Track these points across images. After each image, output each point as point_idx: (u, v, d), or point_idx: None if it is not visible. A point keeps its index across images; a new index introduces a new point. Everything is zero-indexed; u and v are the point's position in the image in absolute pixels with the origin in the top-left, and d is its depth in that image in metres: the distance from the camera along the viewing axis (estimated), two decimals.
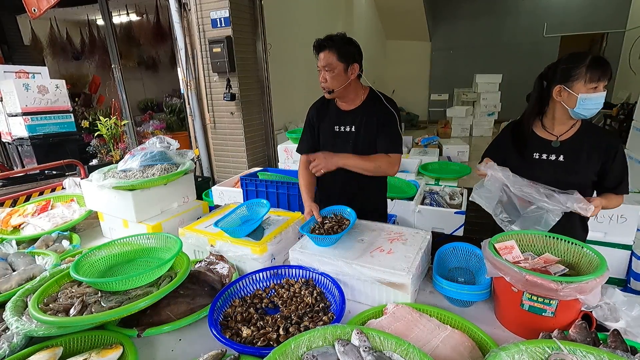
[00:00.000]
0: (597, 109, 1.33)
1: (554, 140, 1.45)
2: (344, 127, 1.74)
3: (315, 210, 1.56)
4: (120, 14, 6.42)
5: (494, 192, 1.42)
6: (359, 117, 1.71)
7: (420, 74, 11.22)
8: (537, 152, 1.47)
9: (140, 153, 1.86)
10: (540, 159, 1.45)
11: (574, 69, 1.33)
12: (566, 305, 0.96)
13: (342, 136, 1.74)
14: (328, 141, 1.78)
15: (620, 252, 2.28)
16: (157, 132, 5.66)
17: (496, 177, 1.41)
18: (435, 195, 2.90)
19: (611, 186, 1.41)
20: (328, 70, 1.59)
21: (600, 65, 1.30)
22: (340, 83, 1.62)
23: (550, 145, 1.45)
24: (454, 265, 1.41)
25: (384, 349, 0.88)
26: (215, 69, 3.80)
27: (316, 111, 1.82)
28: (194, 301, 1.23)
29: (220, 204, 2.84)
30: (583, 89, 1.32)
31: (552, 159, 1.44)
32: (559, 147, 1.44)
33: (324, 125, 1.79)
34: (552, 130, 1.46)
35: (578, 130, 1.43)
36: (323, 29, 6.96)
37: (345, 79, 1.62)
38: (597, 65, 1.30)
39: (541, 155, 1.45)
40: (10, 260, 1.51)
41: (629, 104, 6.88)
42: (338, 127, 1.75)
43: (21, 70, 4.42)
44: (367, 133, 1.69)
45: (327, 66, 1.59)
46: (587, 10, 9.02)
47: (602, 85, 1.31)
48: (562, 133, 1.44)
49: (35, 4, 3.87)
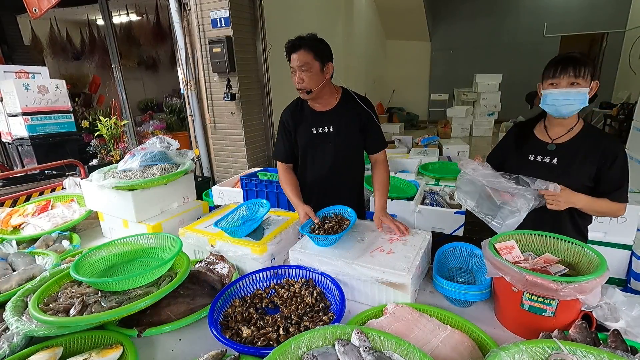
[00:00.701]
0: (562, 105, 1.31)
1: (550, 143, 1.43)
2: (321, 128, 1.73)
3: (310, 212, 1.54)
4: (120, 14, 6.42)
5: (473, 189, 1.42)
6: (337, 117, 1.71)
7: (420, 74, 11.22)
8: (533, 153, 1.46)
9: (140, 153, 1.86)
10: (535, 161, 1.45)
11: (546, 67, 1.36)
12: (566, 305, 0.96)
13: (321, 137, 1.74)
14: (307, 143, 1.77)
15: (620, 252, 2.27)
16: (157, 132, 5.66)
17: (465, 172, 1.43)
18: (435, 195, 2.89)
19: (605, 191, 1.35)
20: (305, 70, 1.58)
21: (560, 62, 1.30)
22: (318, 82, 1.61)
23: (546, 148, 1.44)
24: (454, 265, 1.41)
25: (384, 349, 0.88)
26: (215, 69, 3.80)
27: (290, 115, 1.78)
28: (194, 301, 1.23)
29: (220, 204, 2.84)
30: (546, 86, 1.35)
31: (546, 162, 1.43)
32: (554, 150, 1.42)
33: (300, 129, 1.77)
34: (550, 133, 1.45)
35: (577, 134, 1.41)
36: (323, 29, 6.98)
37: (322, 78, 1.62)
38: (557, 61, 1.31)
39: (536, 157, 1.45)
40: (10, 260, 1.51)
41: (629, 104, 6.88)
42: (315, 128, 1.74)
43: (21, 70, 4.42)
44: (348, 133, 1.71)
45: (304, 65, 1.57)
46: (587, 10, 9.02)
47: (564, 82, 1.29)
48: (560, 136, 1.42)
49: (36, 3, 3.87)
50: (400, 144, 5.20)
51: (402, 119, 10.09)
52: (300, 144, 1.79)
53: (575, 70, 1.27)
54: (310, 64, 1.57)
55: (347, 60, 7.80)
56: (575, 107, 1.32)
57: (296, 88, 1.65)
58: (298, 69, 1.59)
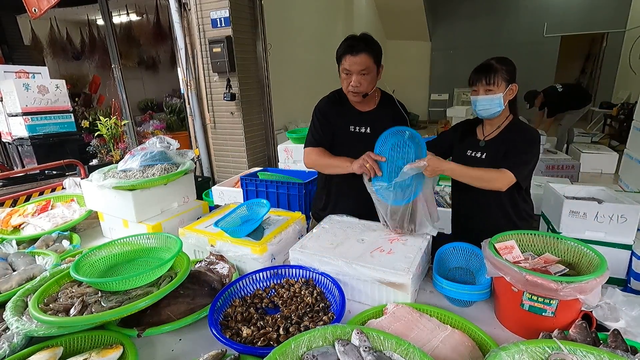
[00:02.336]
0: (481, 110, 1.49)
1: (481, 140, 1.60)
2: (359, 127, 1.71)
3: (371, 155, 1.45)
4: (120, 14, 6.43)
5: None
6: (376, 118, 1.68)
7: (420, 74, 11.23)
8: (470, 149, 1.62)
9: (140, 153, 1.86)
10: (470, 156, 1.61)
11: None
12: (566, 305, 0.96)
13: (357, 136, 1.70)
14: (344, 141, 1.72)
15: (620, 252, 2.27)
16: (157, 132, 5.66)
17: None
18: (435, 195, 2.89)
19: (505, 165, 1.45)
20: (365, 74, 1.53)
21: (476, 71, 1.49)
22: (374, 85, 1.59)
23: (478, 144, 1.61)
24: (454, 265, 1.41)
25: (384, 349, 0.88)
26: (215, 69, 3.80)
27: (332, 107, 1.73)
28: (194, 301, 1.23)
29: (220, 204, 2.83)
30: (471, 92, 1.53)
31: (477, 156, 1.58)
32: (484, 146, 1.57)
33: (340, 124, 1.72)
34: (484, 131, 1.62)
35: (502, 130, 1.56)
36: (323, 29, 6.99)
37: (376, 81, 1.60)
38: (475, 70, 1.50)
39: (472, 152, 1.61)
40: (11, 260, 1.51)
41: (629, 104, 6.89)
42: (354, 127, 1.71)
43: (21, 70, 4.42)
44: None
45: (365, 69, 1.52)
46: (587, 10, 9.02)
47: (481, 89, 1.46)
48: (489, 133, 1.59)
49: (35, 3, 3.87)
50: None
51: None
52: (336, 139, 1.74)
53: (486, 79, 1.44)
54: (370, 68, 1.53)
55: None
56: (494, 111, 1.48)
57: (348, 91, 1.60)
58: (357, 73, 1.53)
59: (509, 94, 1.48)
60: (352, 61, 1.52)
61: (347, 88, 1.60)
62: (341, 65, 1.59)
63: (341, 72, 1.60)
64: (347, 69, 1.55)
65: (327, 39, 6.88)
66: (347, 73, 1.57)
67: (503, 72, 1.44)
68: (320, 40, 6.53)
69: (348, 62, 1.53)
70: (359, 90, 1.57)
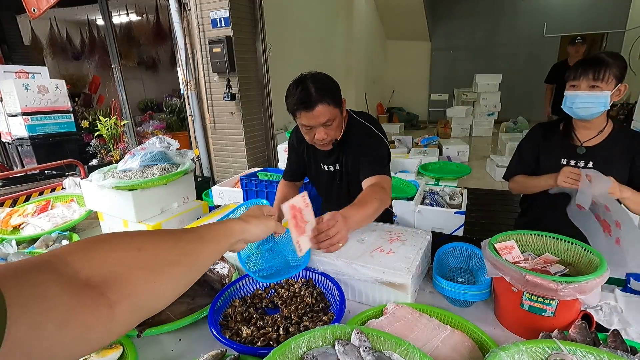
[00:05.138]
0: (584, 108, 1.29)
1: (579, 146, 1.39)
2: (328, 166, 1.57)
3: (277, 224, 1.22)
4: (120, 14, 6.42)
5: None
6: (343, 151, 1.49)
7: (420, 74, 11.23)
8: (565, 157, 1.41)
9: (140, 153, 1.86)
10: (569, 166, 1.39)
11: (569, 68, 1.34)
12: (566, 305, 0.96)
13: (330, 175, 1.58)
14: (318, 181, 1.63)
15: None
16: (157, 132, 5.66)
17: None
18: (435, 195, 2.89)
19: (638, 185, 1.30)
20: (330, 124, 1.31)
21: (583, 64, 1.29)
22: (341, 127, 1.39)
23: (576, 151, 1.39)
24: (454, 265, 1.41)
25: (383, 349, 0.88)
26: (215, 69, 3.80)
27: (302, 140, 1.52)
28: (194, 301, 1.23)
29: (220, 204, 2.84)
30: (568, 87, 1.34)
31: (580, 166, 1.37)
32: (585, 154, 1.38)
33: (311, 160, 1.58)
34: (578, 135, 1.41)
35: (608, 136, 1.37)
36: (323, 29, 6.98)
37: (342, 121, 1.39)
38: (578, 64, 1.30)
39: (569, 161, 1.40)
40: (10, 260, 1.51)
41: (629, 104, 6.88)
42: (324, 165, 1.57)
43: (21, 70, 4.42)
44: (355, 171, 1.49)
45: (328, 120, 1.30)
46: (587, 10, 9.03)
47: (585, 83, 1.27)
48: (589, 139, 1.38)
49: (35, 3, 3.87)
50: (400, 144, 5.22)
51: (402, 119, 10.10)
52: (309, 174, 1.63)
53: (595, 73, 1.24)
54: (333, 115, 1.30)
55: (347, 60, 7.80)
56: (596, 111, 1.29)
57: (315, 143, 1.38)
58: (319, 126, 1.31)
59: (616, 94, 1.28)
60: (309, 117, 1.29)
61: (313, 141, 1.39)
62: (297, 119, 1.36)
63: (299, 125, 1.39)
64: (306, 124, 1.33)
65: (327, 39, 6.88)
66: (308, 128, 1.35)
67: (615, 68, 1.24)
68: (320, 40, 6.53)
69: (305, 118, 1.30)
70: (328, 141, 1.37)
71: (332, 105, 1.29)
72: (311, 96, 1.25)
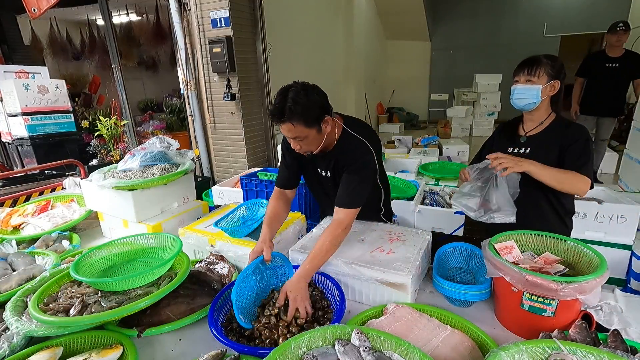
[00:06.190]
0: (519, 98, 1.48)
1: (522, 136, 1.58)
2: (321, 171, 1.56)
3: (267, 249, 1.27)
4: (120, 14, 6.42)
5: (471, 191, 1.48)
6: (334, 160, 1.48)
7: (420, 74, 11.21)
8: (511, 146, 1.60)
9: (140, 153, 1.86)
10: (512, 152, 1.58)
11: None
12: (566, 305, 0.96)
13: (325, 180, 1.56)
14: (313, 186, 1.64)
15: (620, 252, 2.27)
16: (157, 132, 5.66)
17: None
18: (435, 195, 2.89)
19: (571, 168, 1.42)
20: (301, 140, 1.32)
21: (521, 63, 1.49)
22: (318, 143, 1.36)
23: (519, 140, 1.58)
24: (454, 265, 1.41)
25: (384, 349, 0.88)
26: (215, 69, 3.80)
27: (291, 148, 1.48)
28: (194, 301, 1.23)
29: (220, 204, 2.84)
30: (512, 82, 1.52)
31: (520, 152, 1.57)
32: (525, 142, 1.57)
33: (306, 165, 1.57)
34: (524, 127, 1.60)
35: (547, 127, 1.54)
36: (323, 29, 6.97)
37: (321, 137, 1.35)
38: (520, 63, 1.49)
39: (513, 149, 1.58)
40: (10, 260, 1.51)
41: (628, 104, 6.88)
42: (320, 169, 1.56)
43: (21, 70, 4.42)
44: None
45: (297, 137, 1.31)
46: (587, 10, 9.02)
47: (522, 78, 1.46)
48: (531, 129, 1.57)
49: (35, 3, 3.87)
50: (400, 144, 5.21)
51: (402, 119, 10.10)
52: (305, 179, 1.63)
53: (529, 69, 1.45)
54: (303, 133, 1.29)
55: (347, 60, 7.79)
56: (529, 101, 1.47)
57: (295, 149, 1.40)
58: (291, 138, 1.34)
59: (549, 89, 1.45)
60: (281, 128, 1.30)
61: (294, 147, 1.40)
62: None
63: None
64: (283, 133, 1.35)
65: (327, 39, 6.87)
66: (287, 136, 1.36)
67: (548, 66, 1.43)
68: (320, 40, 6.53)
69: (280, 127, 1.31)
70: (302, 152, 1.39)
71: (302, 126, 1.27)
72: (283, 112, 1.24)
